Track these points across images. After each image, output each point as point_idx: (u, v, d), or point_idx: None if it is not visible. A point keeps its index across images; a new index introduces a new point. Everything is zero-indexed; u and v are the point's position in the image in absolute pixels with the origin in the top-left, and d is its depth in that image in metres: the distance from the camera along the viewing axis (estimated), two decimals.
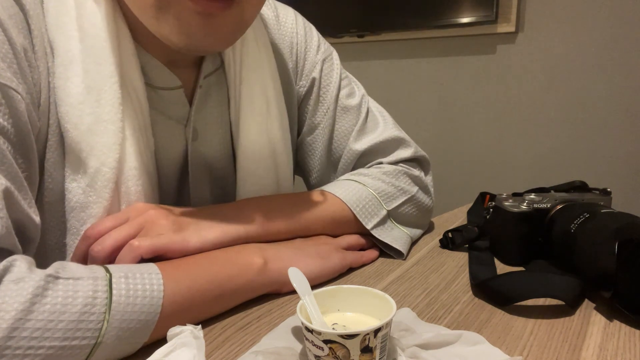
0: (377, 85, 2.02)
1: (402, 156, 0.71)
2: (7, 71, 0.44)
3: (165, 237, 0.50)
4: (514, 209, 0.61)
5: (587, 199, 0.64)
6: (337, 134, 0.72)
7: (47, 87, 0.50)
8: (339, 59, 0.75)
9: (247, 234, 0.56)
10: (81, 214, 0.51)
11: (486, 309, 0.52)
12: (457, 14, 1.77)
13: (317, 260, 0.57)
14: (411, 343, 0.42)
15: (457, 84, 1.89)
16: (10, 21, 0.46)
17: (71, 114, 0.50)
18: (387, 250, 0.66)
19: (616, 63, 1.63)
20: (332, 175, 0.73)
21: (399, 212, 0.68)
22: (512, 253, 0.63)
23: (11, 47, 0.46)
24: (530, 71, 1.76)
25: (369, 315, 0.43)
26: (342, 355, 0.37)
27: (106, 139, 0.51)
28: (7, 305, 0.35)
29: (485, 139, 1.89)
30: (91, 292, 0.39)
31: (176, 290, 0.44)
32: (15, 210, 0.43)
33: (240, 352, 0.44)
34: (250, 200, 0.62)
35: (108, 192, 0.51)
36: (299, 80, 0.71)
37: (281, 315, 0.51)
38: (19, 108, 0.45)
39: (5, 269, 0.37)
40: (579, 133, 1.73)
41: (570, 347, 0.44)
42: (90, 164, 0.50)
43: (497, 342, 0.45)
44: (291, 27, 0.71)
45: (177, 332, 0.38)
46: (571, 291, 0.51)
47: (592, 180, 0.72)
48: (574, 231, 0.56)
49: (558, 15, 1.68)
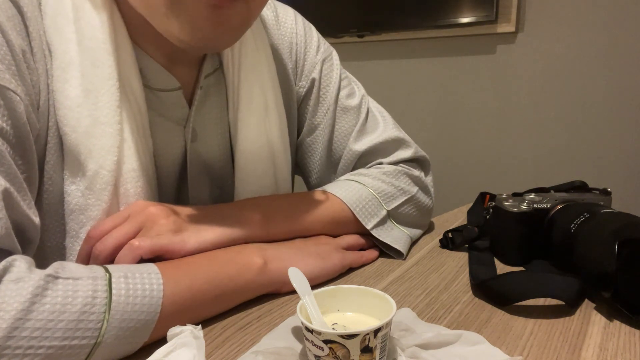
0: (377, 85, 2.02)
1: (402, 156, 0.71)
2: (5, 73, 0.44)
3: (165, 237, 0.50)
4: (514, 209, 0.61)
5: (587, 199, 0.64)
6: (337, 135, 0.72)
7: (45, 89, 0.50)
8: (339, 59, 0.75)
9: (246, 234, 0.56)
10: (80, 216, 0.51)
11: (486, 309, 0.52)
12: (457, 14, 1.77)
13: (317, 260, 0.57)
14: (411, 343, 0.42)
15: (457, 84, 1.89)
16: (9, 23, 0.46)
17: (69, 116, 0.50)
18: (387, 250, 0.66)
19: (616, 63, 1.63)
20: (332, 176, 0.73)
21: (399, 212, 0.67)
22: (512, 253, 0.63)
23: (10, 49, 0.46)
24: (530, 71, 1.76)
25: (369, 315, 0.43)
26: (342, 355, 0.37)
27: (104, 141, 0.51)
28: (7, 305, 0.35)
29: (485, 139, 1.89)
30: (91, 292, 0.39)
31: (176, 290, 0.44)
32: (15, 211, 0.43)
33: (240, 352, 0.44)
34: (249, 201, 0.62)
35: (107, 194, 0.51)
36: (299, 81, 0.71)
37: (281, 315, 0.51)
38: (18, 110, 0.45)
39: (5, 268, 0.37)
40: (579, 133, 1.73)
41: (570, 347, 0.44)
42: (89, 166, 0.50)
43: (497, 342, 0.45)
44: (291, 27, 0.71)
45: (177, 332, 0.38)
46: (571, 291, 0.51)
47: (592, 180, 0.72)
48: (574, 231, 0.56)
49: (558, 15, 1.68)
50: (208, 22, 0.47)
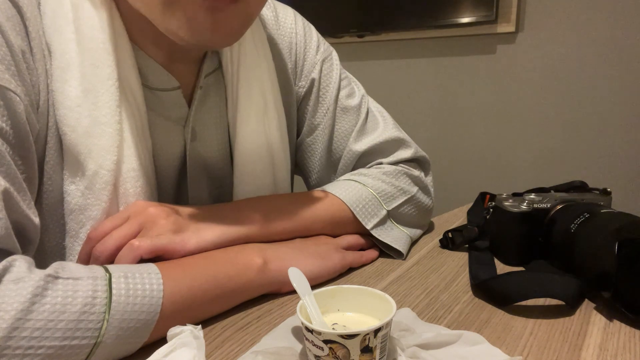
0: (377, 85, 2.02)
1: (402, 157, 0.71)
2: (5, 73, 0.44)
3: (164, 237, 0.50)
4: (514, 209, 0.61)
5: (587, 199, 0.64)
6: (337, 135, 0.72)
7: (45, 90, 0.50)
8: (339, 59, 0.75)
9: (246, 234, 0.56)
10: (80, 216, 0.51)
11: (486, 309, 0.52)
12: (457, 14, 1.77)
13: (317, 260, 0.57)
14: (411, 343, 0.42)
15: (457, 84, 1.89)
16: (8, 23, 0.46)
17: (69, 116, 0.50)
18: (387, 250, 0.66)
19: (616, 63, 1.63)
20: (332, 176, 0.73)
21: (399, 212, 0.67)
22: (512, 253, 0.63)
23: (9, 49, 0.46)
24: (530, 71, 1.76)
25: (369, 315, 0.43)
26: (342, 355, 0.37)
27: (104, 141, 0.51)
28: (7, 305, 0.35)
29: (485, 139, 1.89)
30: (91, 292, 0.39)
31: (176, 290, 0.44)
32: (15, 211, 0.43)
33: (240, 352, 0.44)
34: (249, 201, 0.62)
35: (106, 194, 0.51)
36: (299, 81, 0.71)
37: (281, 315, 0.51)
38: (18, 110, 0.45)
39: (5, 269, 0.37)
40: (579, 133, 1.73)
41: (570, 347, 0.44)
42: (89, 166, 0.50)
43: (497, 342, 0.45)
44: (290, 27, 0.71)
45: (177, 332, 0.38)
46: (571, 291, 0.51)
47: (592, 180, 0.72)
48: (574, 231, 0.56)
49: (558, 15, 1.68)
50: (206, 24, 0.47)
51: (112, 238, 0.49)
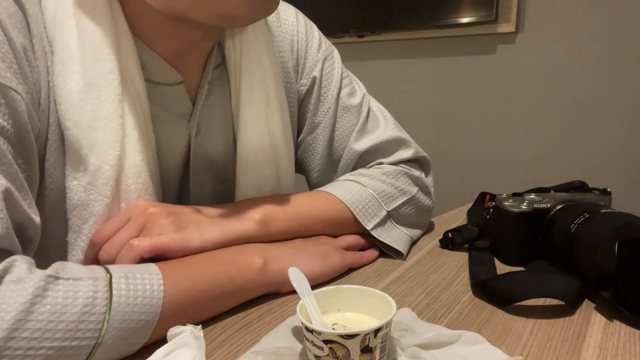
0: (377, 85, 2.02)
1: (402, 157, 0.71)
2: (7, 71, 0.44)
3: (165, 236, 0.50)
4: (514, 209, 0.61)
5: (587, 199, 0.64)
6: (338, 134, 0.72)
7: (46, 87, 0.50)
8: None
9: (247, 234, 0.56)
10: (82, 212, 0.51)
11: (486, 309, 0.52)
12: (457, 14, 1.77)
13: (317, 260, 0.57)
14: (411, 343, 0.42)
15: (457, 84, 1.89)
16: (10, 20, 0.46)
17: (71, 111, 0.49)
18: (387, 250, 0.66)
19: (616, 63, 1.63)
20: (333, 175, 0.73)
21: (399, 212, 0.67)
22: (512, 253, 0.63)
23: (11, 47, 0.45)
24: (530, 71, 1.76)
25: (369, 315, 0.43)
26: (342, 355, 0.37)
27: (106, 136, 0.50)
28: (7, 306, 0.35)
29: (485, 139, 1.89)
30: (91, 293, 0.39)
31: (176, 290, 0.44)
32: (16, 210, 0.43)
33: (240, 352, 0.44)
34: (250, 201, 0.62)
35: (109, 189, 0.51)
36: (300, 79, 0.71)
37: (281, 315, 0.51)
38: (19, 108, 0.45)
39: (5, 269, 0.37)
40: (579, 133, 1.73)
41: (570, 347, 0.44)
42: (91, 161, 0.50)
43: (497, 342, 0.45)
44: (292, 24, 0.71)
45: (177, 332, 0.38)
46: (571, 291, 0.51)
47: (592, 180, 0.72)
48: (574, 231, 0.56)
49: (558, 15, 1.68)
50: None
51: (114, 244, 0.49)
